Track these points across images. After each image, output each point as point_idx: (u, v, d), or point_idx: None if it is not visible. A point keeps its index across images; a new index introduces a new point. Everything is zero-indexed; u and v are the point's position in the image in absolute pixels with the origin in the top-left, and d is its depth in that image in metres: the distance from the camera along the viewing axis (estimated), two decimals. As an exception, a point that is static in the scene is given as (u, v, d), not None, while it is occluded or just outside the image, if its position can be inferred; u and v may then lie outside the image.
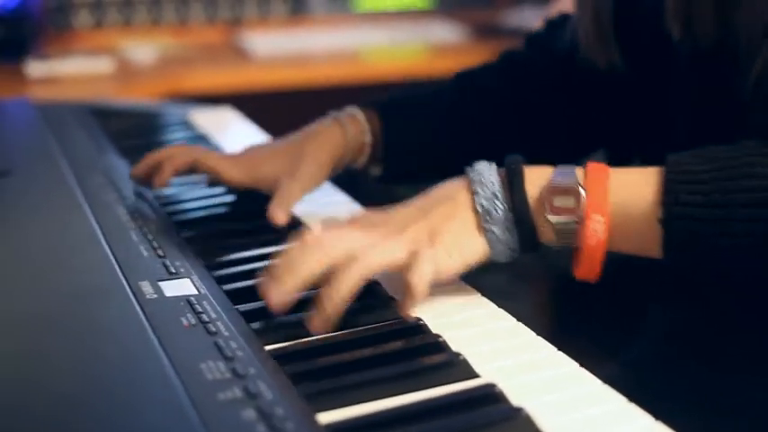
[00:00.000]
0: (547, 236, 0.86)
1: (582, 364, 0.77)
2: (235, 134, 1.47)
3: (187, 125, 1.51)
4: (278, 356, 0.77)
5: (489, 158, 0.95)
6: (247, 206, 1.12)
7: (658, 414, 0.70)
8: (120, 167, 1.23)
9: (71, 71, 2.26)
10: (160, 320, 0.80)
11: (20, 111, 1.59)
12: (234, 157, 1.13)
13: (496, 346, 0.80)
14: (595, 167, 0.85)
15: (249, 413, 0.66)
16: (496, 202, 0.85)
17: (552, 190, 0.84)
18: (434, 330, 0.82)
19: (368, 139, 1.16)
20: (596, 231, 0.83)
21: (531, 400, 0.71)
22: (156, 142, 1.43)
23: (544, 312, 1.11)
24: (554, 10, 2.39)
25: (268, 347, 0.79)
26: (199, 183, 1.20)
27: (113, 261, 0.92)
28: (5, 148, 1.35)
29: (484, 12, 2.96)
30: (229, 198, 1.15)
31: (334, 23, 2.84)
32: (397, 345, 0.80)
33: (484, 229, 0.85)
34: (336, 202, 1.16)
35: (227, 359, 0.74)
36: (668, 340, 1.08)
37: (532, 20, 2.66)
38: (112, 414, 0.68)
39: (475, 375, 0.75)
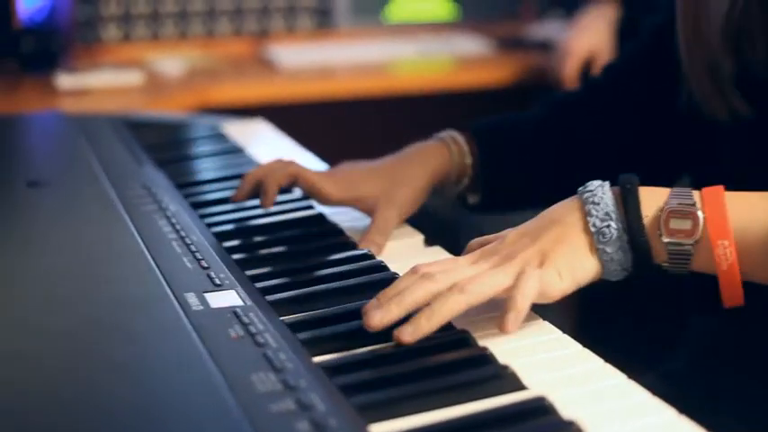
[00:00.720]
0: (660, 257, 0.85)
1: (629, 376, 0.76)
2: (268, 146, 1.47)
3: (221, 137, 1.51)
4: (326, 368, 0.77)
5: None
6: (286, 216, 1.12)
7: (707, 426, 0.70)
8: (158, 179, 1.23)
9: (100, 84, 2.27)
10: (208, 332, 0.80)
11: (54, 122, 1.60)
12: (332, 174, 1.13)
13: (543, 358, 0.80)
14: (712, 191, 0.84)
15: (303, 425, 0.66)
16: (610, 222, 0.84)
17: (669, 212, 0.83)
18: (480, 343, 0.81)
19: (469, 160, 1.15)
20: (725, 256, 0.82)
21: (580, 413, 0.70)
22: (191, 154, 1.44)
23: (580, 324, 1.11)
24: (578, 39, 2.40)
25: (316, 359, 0.79)
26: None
27: (158, 272, 0.92)
28: (43, 158, 1.36)
29: (508, 24, 2.96)
30: (269, 209, 1.15)
31: (359, 36, 2.84)
32: (444, 357, 0.79)
33: (597, 250, 0.84)
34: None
35: (278, 371, 0.74)
36: (709, 351, 1.08)
37: (556, 33, 2.67)
38: (166, 425, 0.68)
39: (523, 387, 0.75)
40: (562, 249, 0.84)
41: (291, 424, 0.67)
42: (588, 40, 2.37)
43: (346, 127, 2.79)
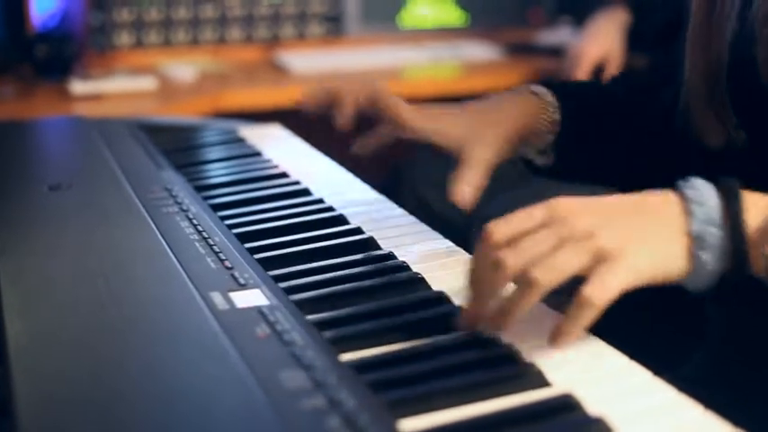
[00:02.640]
0: (758, 268, 0.79)
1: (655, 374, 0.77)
2: (285, 149, 1.48)
3: (238, 140, 1.52)
4: (354, 366, 0.77)
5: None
6: (307, 218, 1.13)
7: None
8: (178, 181, 1.24)
9: (114, 89, 2.29)
10: (235, 331, 0.81)
11: (71, 126, 1.61)
12: (415, 107, 1.08)
13: (566, 355, 0.80)
14: None
15: (334, 421, 0.67)
16: (712, 228, 0.78)
17: None
18: (506, 341, 0.82)
19: (558, 116, 1.09)
20: None
21: (606, 410, 0.71)
22: (209, 157, 1.44)
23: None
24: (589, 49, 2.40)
25: (343, 357, 0.79)
26: (257, 196, 1.21)
27: (182, 273, 0.93)
28: (63, 162, 1.37)
29: (518, 31, 2.97)
30: (289, 211, 1.16)
31: (369, 43, 2.85)
32: (470, 355, 0.80)
33: (692, 255, 0.78)
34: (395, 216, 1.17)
35: (306, 368, 0.75)
36: (729, 346, 1.08)
37: (567, 39, 2.67)
38: (197, 423, 0.68)
39: (548, 384, 0.76)
40: (656, 240, 0.78)
41: (322, 420, 0.67)
42: (599, 45, 2.38)
43: (356, 131, 2.80)
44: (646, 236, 0.78)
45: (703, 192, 0.79)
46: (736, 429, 0.69)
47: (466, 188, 1.00)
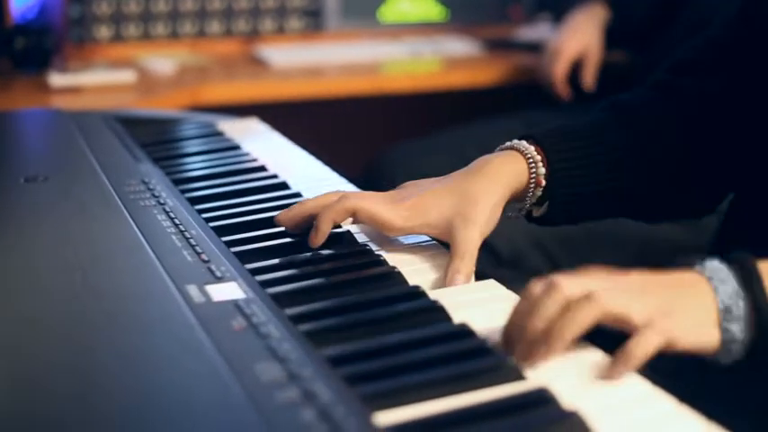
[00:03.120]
0: None
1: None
2: (263, 143, 1.48)
3: (216, 134, 1.52)
4: (330, 358, 0.77)
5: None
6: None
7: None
8: (155, 174, 1.24)
9: (92, 82, 2.27)
10: (211, 323, 0.81)
11: (49, 119, 1.61)
12: (394, 200, 1.02)
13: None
14: None
15: (309, 413, 0.67)
16: (739, 300, 0.81)
17: None
18: (481, 335, 0.82)
19: (543, 171, 1.05)
20: None
21: (581, 403, 0.71)
22: (187, 150, 1.44)
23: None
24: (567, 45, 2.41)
25: (319, 350, 0.79)
26: (234, 190, 1.21)
27: (159, 266, 0.93)
28: (39, 154, 1.36)
29: (497, 27, 2.97)
30: (267, 204, 1.16)
31: (348, 38, 2.85)
32: (447, 348, 0.80)
33: (722, 328, 0.81)
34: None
35: (281, 361, 0.75)
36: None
37: (546, 34, 2.68)
38: (171, 416, 0.69)
39: (522, 378, 0.76)
40: (693, 310, 0.81)
41: (297, 412, 0.68)
42: (578, 40, 2.39)
43: (336, 126, 2.80)
44: (685, 305, 0.81)
45: (723, 270, 0.83)
46: (710, 422, 0.70)
47: (460, 278, 0.96)
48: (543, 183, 1.05)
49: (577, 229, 1.17)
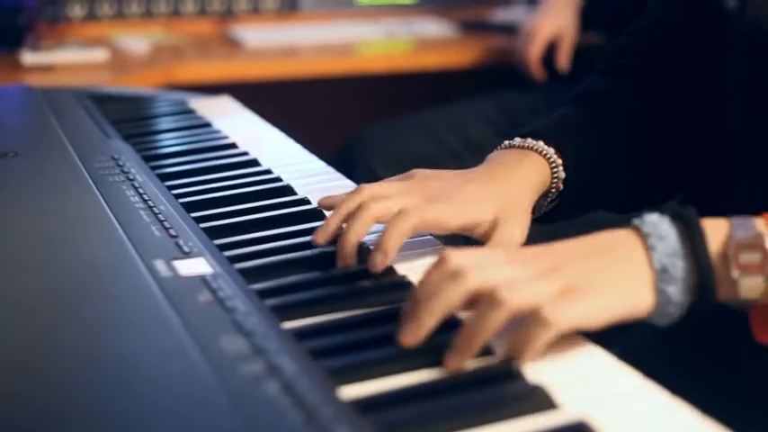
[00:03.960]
0: (726, 294, 0.78)
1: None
2: (236, 121, 1.47)
3: (188, 111, 1.51)
4: (296, 333, 0.77)
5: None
6: (254, 188, 1.13)
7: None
8: (125, 151, 1.23)
9: (65, 60, 2.26)
10: (177, 297, 0.80)
11: (19, 95, 1.59)
12: (440, 197, 0.93)
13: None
14: None
15: (273, 386, 0.67)
16: (677, 260, 0.76)
17: (738, 246, 0.77)
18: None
19: (563, 175, 1.01)
20: None
21: (545, 378, 0.71)
22: (158, 127, 1.44)
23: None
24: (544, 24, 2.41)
25: (285, 324, 0.79)
26: (205, 166, 1.21)
27: (126, 240, 0.92)
28: (9, 130, 1.35)
29: (472, 8, 2.97)
30: (237, 181, 1.16)
31: (322, 18, 2.85)
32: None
33: (657, 289, 0.76)
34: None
35: (247, 334, 0.74)
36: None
37: (521, 16, 2.68)
38: (135, 388, 0.68)
39: (491, 353, 0.75)
40: (618, 278, 0.76)
41: (261, 385, 0.67)
42: (553, 22, 2.39)
43: (311, 107, 2.79)
44: (610, 274, 0.76)
45: (662, 225, 0.78)
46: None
47: None
48: (561, 187, 1.02)
49: (566, 224, 1.15)
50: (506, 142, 1.03)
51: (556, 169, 1.01)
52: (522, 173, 0.99)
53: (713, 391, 0.90)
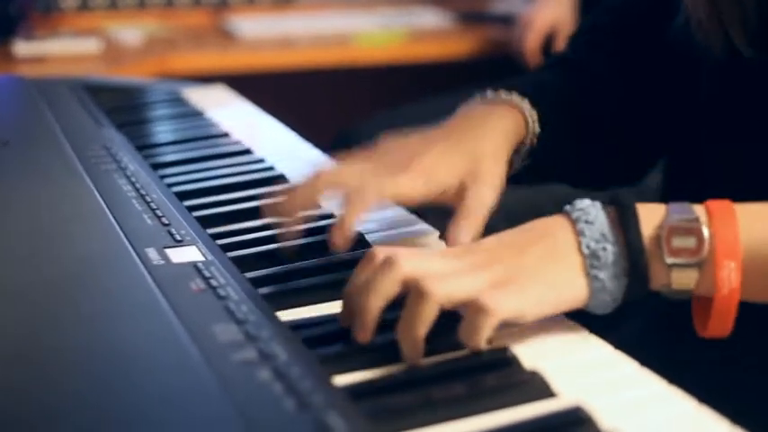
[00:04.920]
0: (660, 280, 0.75)
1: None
2: (230, 111, 1.46)
3: (181, 101, 1.50)
4: (288, 321, 0.77)
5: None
6: (247, 177, 1.12)
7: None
8: (118, 140, 1.22)
9: (58, 51, 2.25)
10: (169, 285, 0.80)
11: (11, 85, 1.58)
12: (399, 168, 0.89)
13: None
14: (719, 205, 0.75)
15: (265, 373, 0.66)
16: (606, 244, 0.74)
17: (671, 229, 0.74)
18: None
19: (538, 129, 0.97)
20: (729, 280, 0.73)
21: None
22: (151, 117, 1.43)
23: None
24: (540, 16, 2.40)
25: (278, 312, 0.78)
26: (198, 155, 1.20)
27: (118, 229, 0.92)
28: (1, 120, 1.34)
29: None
30: (230, 170, 1.15)
31: (318, 9, 2.83)
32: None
33: (589, 276, 0.74)
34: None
35: (239, 322, 0.74)
36: (664, 316, 1.08)
37: (518, 7, 2.67)
38: (128, 376, 0.67)
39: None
40: (550, 267, 0.74)
41: (253, 372, 0.66)
42: (551, 12, 2.38)
43: (307, 98, 2.78)
44: (542, 264, 0.74)
45: (591, 211, 0.75)
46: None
47: (465, 237, 0.87)
48: (535, 142, 0.98)
49: (546, 199, 1.14)
50: (478, 97, 0.99)
51: (531, 121, 0.97)
52: (494, 122, 0.95)
53: (707, 384, 0.89)
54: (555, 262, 0.74)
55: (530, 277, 0.73)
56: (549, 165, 1.02)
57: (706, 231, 0.74)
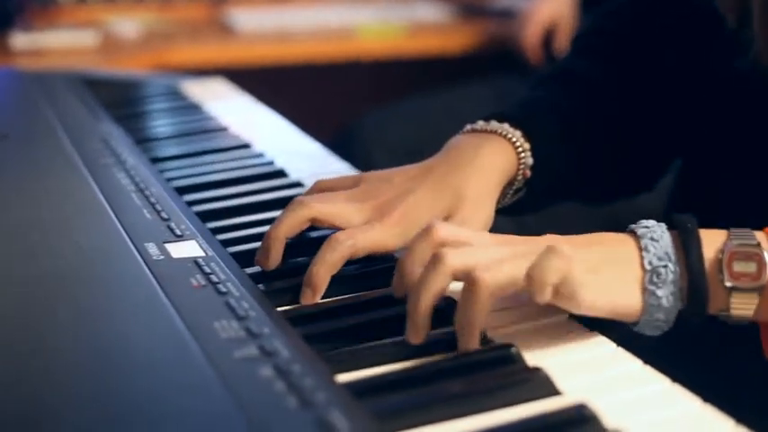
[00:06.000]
0: (718, 305, 0.75)
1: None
2: (229, 104, 1.46)
3: (178, 94, 1.50)
4: (290, 317, 0.76)
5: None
6: (247, 172, 1.11)
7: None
8: (116, 134, 1.22)
9: (56, 44, 2.24)
10: (169, 281, 0.79)
11: (9, 78, 1.58)
12: (377, 215, 0.86)
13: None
14: None
15: (267, 370, 0.66)
16: (668, 263, 0.73)
17: (732, 254, 0.74)
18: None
19: (531, 161, 0.95)
20: None
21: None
22: (149, 110, 1.42)
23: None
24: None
25: (280, 309, 0.78)
26: (197, 150, 1.19)
27: (117, 223, 0.91)
28: (-1, 113, 1.34)
29: (469, -7, 2.96)
30: (229, 164, 1.14)
31: (317, 2, 2.83)
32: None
33: (646, 290, 0.73)
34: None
35: (240, 318, 0.73)
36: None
37: (519, 2, 2.66)
38: (128, 373, 0.67)
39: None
40: (610, 271, 0.73)
41: (255, 369, 0.66)
42: (551, 7, 2.37)
43: (305, 92, 2.77)
44: (601, 267, 0.73)
45: (657, 229, 0.75)
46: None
47: None
48: (529, 174, 0.95)
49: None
50: (468, 126, 0.96)
51: (523, 154, 0.94)
52: (482, 159, 0.91)
53: (712, 384, 0.89)
54: (614, 268, 0.74)
55: (588, 272, 0.72)
56: (553, 188, 1.00)
57: (767, 257, 0.74)
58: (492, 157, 0.92)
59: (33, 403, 0.63)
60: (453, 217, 0.88)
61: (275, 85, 2.51)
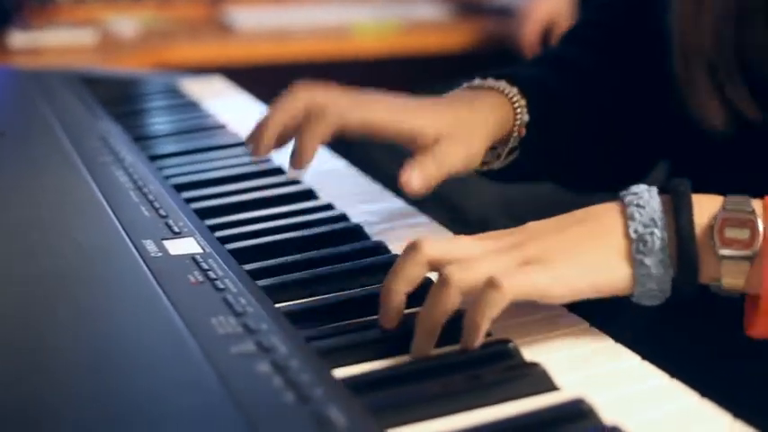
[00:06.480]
0: (710, 273, 0.72)
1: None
2: (227, 102, 1.46)
3: (177, 92, 1.49)
4: (288, 314, 0.76)
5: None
6: (246, 169, 1.11)
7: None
8: (114, 132, 1.22)
9: (54, 42, 2.24)
10: (167, 277, 0.79)
11: (7, 77, 1.58)
12: (377, 99, 0.91)
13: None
14: None
15: (264, 366, 0.66)
16: (654, 229, 0.71)
17: (724, 220, 0.72)
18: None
19: (527, 118, 0.94)
20: None
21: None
22: (147, 108, 1.42)
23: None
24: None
25: (277, 305, 0.78)
26: (195, 147, 1.19)
27: (115, 221, 0.91)
28: (-4, 111, 1.34)
29: (468, -10, 2.95)
30: (227, 161, 1.14)
31: (315, 1, 2.82)
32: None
33: (634, 260, 0.71)
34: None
35: (238, 314, 0.73)
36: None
37: (516, 0, 2.66)
38: (126, 369, 0.67)
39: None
40: (588, 248, 0.71)
41: (252, 365, 0.66)
42: (548, 5, 2.37)
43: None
44: (581, 246, 0.72)
45: (644, 195, 0.73)
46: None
47: (414, 179, 0.85)
48: (524, 132, 0.94)
49: (547, 192, 1.12)
50: (465, 84, 0.96)
51: (519, 110, 0.93)
52: (479, 105, 0.91)
53: (709, 377, 0.89)
54: (595, 243, 0.72)
55: (562, 256, 0.71)
56: (536, 161, 0.99)
57: (761, 225, 0.71)
58: (489, 107, 0.92)
59: (33, 402, 0.63)
60: (446, 136, 0.87)
61: (273, 83, 2.50)
